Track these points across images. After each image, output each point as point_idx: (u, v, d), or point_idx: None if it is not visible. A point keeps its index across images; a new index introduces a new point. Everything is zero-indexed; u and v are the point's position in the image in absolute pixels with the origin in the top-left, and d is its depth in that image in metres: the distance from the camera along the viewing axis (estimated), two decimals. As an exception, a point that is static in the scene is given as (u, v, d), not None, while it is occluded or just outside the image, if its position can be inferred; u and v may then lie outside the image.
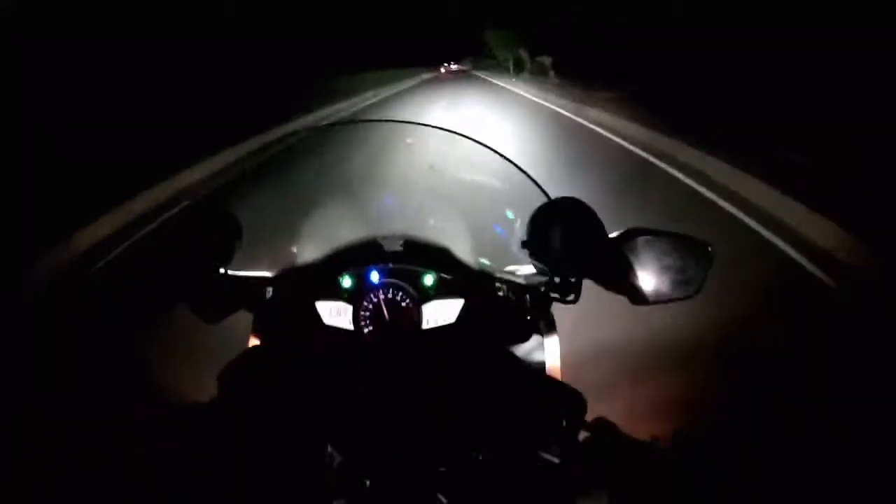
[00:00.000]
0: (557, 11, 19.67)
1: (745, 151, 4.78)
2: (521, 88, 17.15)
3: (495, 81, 22.90)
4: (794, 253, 3.06)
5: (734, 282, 2.09)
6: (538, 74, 21.70)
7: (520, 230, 0.69)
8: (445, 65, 60.20)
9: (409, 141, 0.77)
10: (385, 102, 15.65)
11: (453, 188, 0.79)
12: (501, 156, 0.70)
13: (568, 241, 0.65)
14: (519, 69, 26.50)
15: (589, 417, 0.66)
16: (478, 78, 28.45)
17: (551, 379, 0.69)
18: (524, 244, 0.67)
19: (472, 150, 0.70)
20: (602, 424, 0.66)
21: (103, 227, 4.37)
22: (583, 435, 0.65)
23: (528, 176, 0.69)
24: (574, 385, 0.63)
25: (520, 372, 0.69)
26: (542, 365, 0.70)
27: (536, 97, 13.95)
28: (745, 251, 3.04)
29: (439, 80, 28.67)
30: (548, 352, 0.70)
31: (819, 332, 2.11)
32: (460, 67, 58.26)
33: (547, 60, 21.33)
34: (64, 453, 1.70)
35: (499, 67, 32.25)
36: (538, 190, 0.69)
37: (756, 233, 3.44)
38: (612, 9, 14.43)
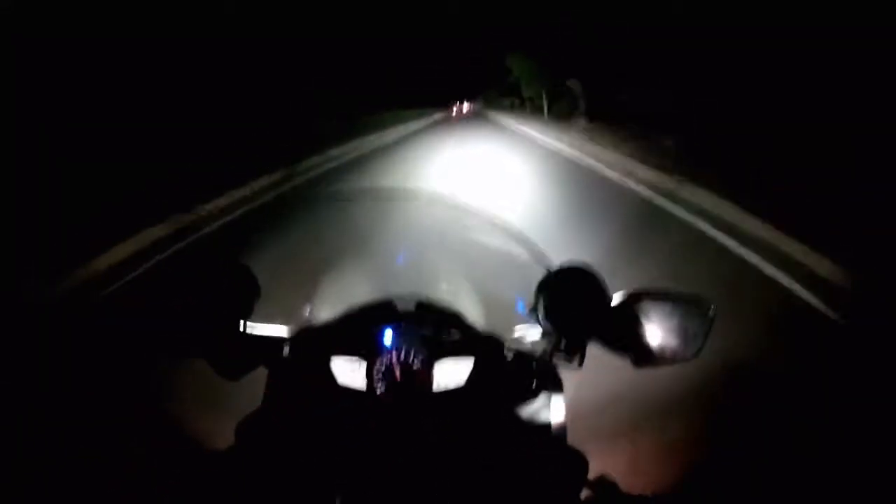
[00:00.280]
0: (557, 11, 17.43)
1: None
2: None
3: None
4: None
5: None
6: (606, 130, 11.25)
7: (527, 296, 0.72)
8: (458, 104, 52.00)
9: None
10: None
11: (464, 253, 0.82)
12: (506, 226, 0.72)
13: (572, 307, 0.68)
14: (565, 111, 16.59)
15: (592, 474, 0.69)
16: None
17: (555, 439, 0.71)
18: (531, 310, 0.70)
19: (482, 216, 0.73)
20: (604, 482, 0.68)
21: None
22: (585, 493, 0.67)
23: (532, 245, 0.72)
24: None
25: (525, 432, 0.71)
26: (547, 424, 0.72)
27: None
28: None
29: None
30: (553, 411, 0.72)
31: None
32: (472, 107, 50.69)
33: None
34: (64, 455, 1.74)
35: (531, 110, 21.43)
36: (544, 256, 0.72)
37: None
38: (612, 8, 13.56)
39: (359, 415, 0.70)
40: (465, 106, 53.39)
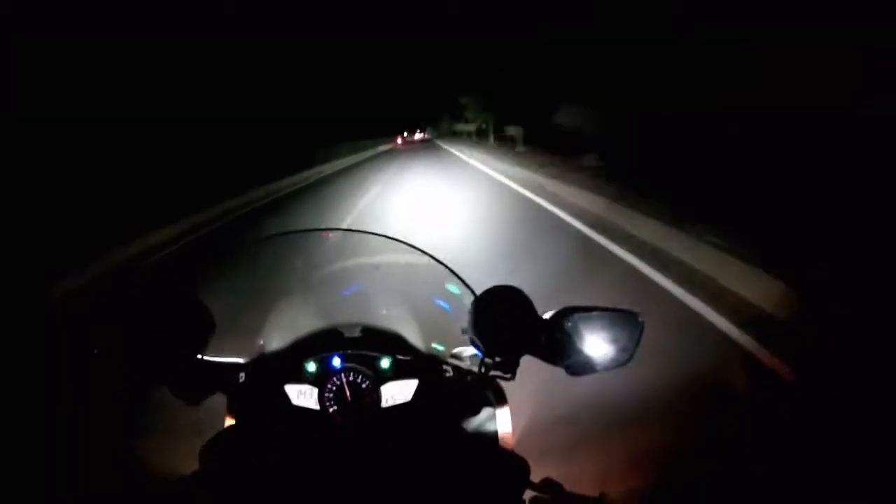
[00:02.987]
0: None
1: None
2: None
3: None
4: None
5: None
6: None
7: (462, 317, 0.78)
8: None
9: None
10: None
11: (400, 282, 0.88)
12: (434, 258, 0.79)
13: (502, 326, 0.73)
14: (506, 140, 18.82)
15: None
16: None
17: (500, 448, 0.77)
18: (464, 331, 0.76)
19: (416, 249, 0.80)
20: (548, 485, 0.73)
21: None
22: (529, 495, 0.72)
23: (457, 275, 0.77)
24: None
25: (471, 443, 0.77)
26: (494, 434, 0.77)
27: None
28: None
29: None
30: (499, 422, 0.77)
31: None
32: (423, 136, 56.11)
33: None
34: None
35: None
36: (480, 281, 0.79)
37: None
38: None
39: (314, 434, 0.76)
40: (419, 135, 59.74)
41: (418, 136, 63.36)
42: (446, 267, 0.79)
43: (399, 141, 48.73)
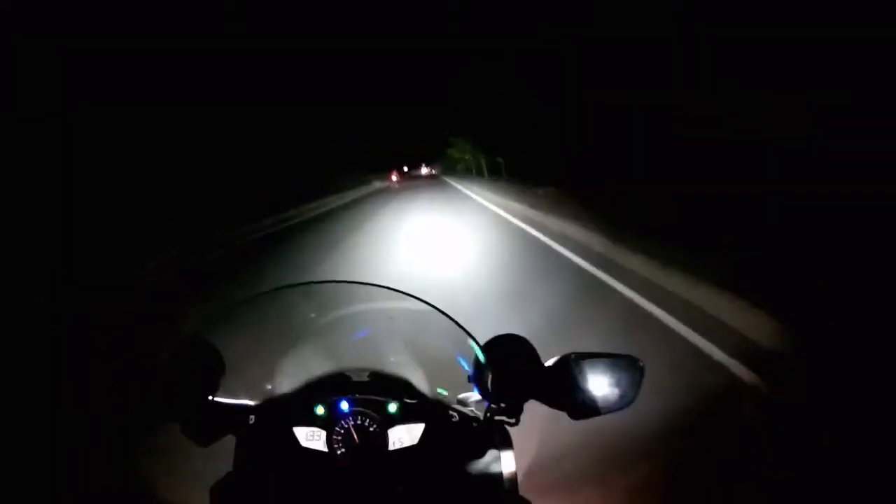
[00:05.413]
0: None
1: None
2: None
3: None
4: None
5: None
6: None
7: (467, 364, 0.80)
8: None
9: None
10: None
11: (408, 329, 0.90)
12: (439, 310, 0.80)
13: (506, 374, 0.75)
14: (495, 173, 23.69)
15: None
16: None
17: (504, 491, 0.78)
18: (469, 378, 0.78)
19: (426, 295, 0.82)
20: None
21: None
22: None
23: (462, 327, 0.79)
24: None
25: (476, 486, 0.78)
26: (499, 477, 0.78)
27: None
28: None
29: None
30: (504, 465, 0.78)
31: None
32: (430, 171, 51.88)
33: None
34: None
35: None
36: (486, 328, 0.81)
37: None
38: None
39: (321, 476, 0.77)
40: (425, 169, 58.00)
41: (424, 170, 58.69)
42: (451, 319, 0.80)
43: (395, 178, 42.67)
